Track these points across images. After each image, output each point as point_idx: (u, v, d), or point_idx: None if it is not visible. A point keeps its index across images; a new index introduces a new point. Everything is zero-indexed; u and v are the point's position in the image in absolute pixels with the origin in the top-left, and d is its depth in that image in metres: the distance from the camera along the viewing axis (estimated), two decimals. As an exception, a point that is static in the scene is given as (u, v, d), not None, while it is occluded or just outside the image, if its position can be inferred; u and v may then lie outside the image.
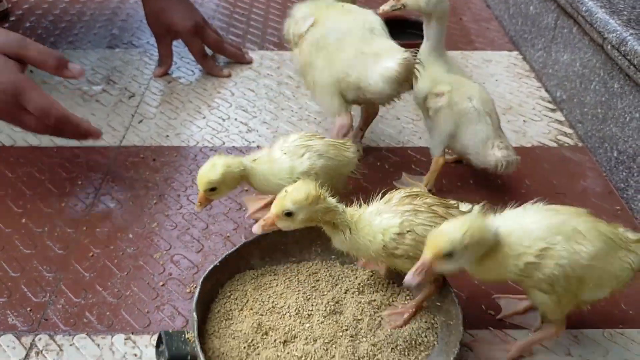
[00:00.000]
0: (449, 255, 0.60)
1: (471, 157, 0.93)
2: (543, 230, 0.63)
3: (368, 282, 0.79)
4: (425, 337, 0.72)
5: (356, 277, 0.79)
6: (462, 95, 0.91)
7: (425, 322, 0.73)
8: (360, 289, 0.78)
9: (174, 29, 1.26)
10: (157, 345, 0.68)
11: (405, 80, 0.88)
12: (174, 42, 1.32)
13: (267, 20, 1.57)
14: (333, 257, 0.82)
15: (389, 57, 0.89)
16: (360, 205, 0.72)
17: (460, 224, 0.60)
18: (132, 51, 1.41)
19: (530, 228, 0.64)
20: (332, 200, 0.69)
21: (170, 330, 0.69)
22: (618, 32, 1.00)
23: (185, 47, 1.32)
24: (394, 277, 0.78)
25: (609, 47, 1.02)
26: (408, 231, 0.67)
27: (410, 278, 0.61)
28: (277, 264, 0.82)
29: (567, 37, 1.20)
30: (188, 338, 0.68)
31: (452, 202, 0.72)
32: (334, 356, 0.69)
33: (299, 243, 0.82)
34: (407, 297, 0.77)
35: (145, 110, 1.20)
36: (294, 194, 0.66)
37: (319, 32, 0.97)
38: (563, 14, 1.22)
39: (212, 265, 0.76)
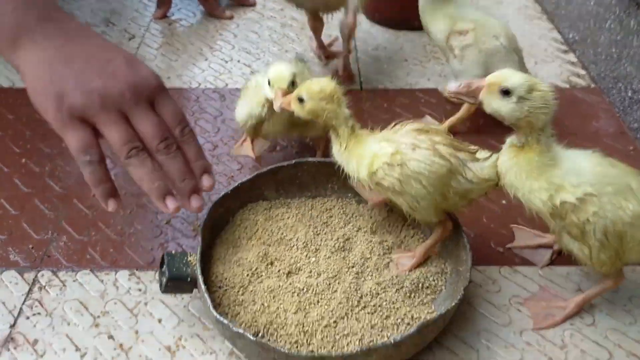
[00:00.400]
0: (506, 92, 0.57)
1: None
2: (595, 175, 0.59)
3: (382, 222, 0.77)
4: (434, 280, 0.70)
5: (370, 217, 0.78)
6: (487, 33, 0.88)
7: (435, 266, 0.71)
8: (373, 228, 0.76)
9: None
10: (161, 266, 0.67)
11: None
12: (174, -17, 1.28)
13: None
14: (349, 195, 0.80)
15: None
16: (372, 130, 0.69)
17: (529, 77, 0.58)
18: (131, -7, 1.36)
19: (583, 168, 0.60)
20: (346, 111, 0.67)
21: (173, 252, 0.68)
22: (637, -35, 0.96)
23: (185, -13, 1.28)
24: (408, 219, 0.77)
25: (626, -19, 0.98)
26: (399, 164, 0.64)
27: (453, 85, 0.59)
28: (292, 197, 0.81)
29: None
30: (190, 260, 0.67)
31: (472, 147, 0.67)
32: (335, 291, 0.68)
33: (315, 178, 0.80)
34: (420, 241, 0.75)
35: (146, 52, 1.16)
36: (311, 85, 0.66)
37: None
38: (578, -50, 1.17)
39: (222, 192, 0.75)
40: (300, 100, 0.67)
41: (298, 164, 0.80)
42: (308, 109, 0.67)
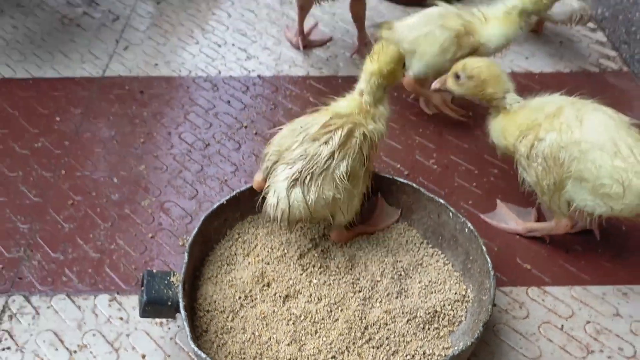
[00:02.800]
0: (457, 76, 0.70)
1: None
2: (552, 108, 0.65)
3: (398, 240, 0.68)
4: (452, 310, 0.61)
5: (385, 233, 0.69)
6: None
7: (456, 293, 0.62)
8: (389, 247, 0.68)
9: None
10: (142, 286, 0.59)
11: None
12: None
13: None
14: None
15: None
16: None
17: (476, 61, 0.70)
18: (117, -32, 1.25)
19: (542, 105, 0.66)
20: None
21: (155, 271, 0.60)
22: None
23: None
24: (429, 237, 0.68)
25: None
26: None
27: (434, 83, 0.73)
28: None
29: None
30: (173, 281, 0.59)
31: None
32: (337, 319, 0.60)
33: None
34: (440, 262, 0.66)
35: (132, 35, 1.06)
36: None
37: None
38: None
39: (217, 203, 0.67)
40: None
41: None
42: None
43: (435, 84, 0.73)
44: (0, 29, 1.07)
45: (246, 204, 0.69)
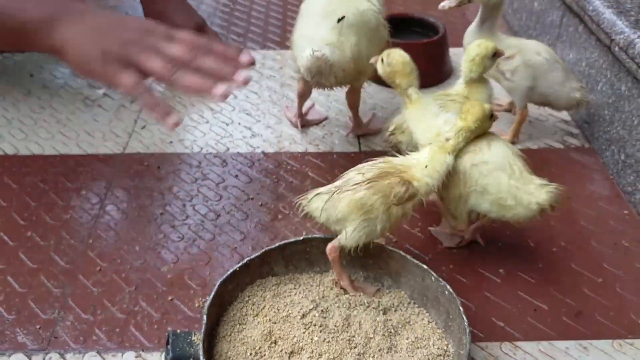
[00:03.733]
0: (381, 60, 0.87)
1: (552, 102, 1.07)
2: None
3: (390, 301, 0.78)
4: None
5: (377, 294, 0.80)
6: (530, 52, 1.04)
7: (438, 348, 0.73)
8: (380, 307, 0.77)
9: (175, 31, 1.23)
10: (167, 344, 0.69)
11: (317, 73, 0.91)
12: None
13: (268, 18, 1.55)
14: (357, 270, 0.83)
15: (309, 47, 0.91)
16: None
17: (398, 54, 0.87)
18: (133, 52, 1.39)
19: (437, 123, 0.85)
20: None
21: (179, 331, 0.69)
22: (626, 34, 0.98)
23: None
24: (415, 297, 0.79)
25: (616, 48, 1.01)
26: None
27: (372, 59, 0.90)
28: (301, 272, 0.82)
29: (573, 35, 1.19)
30: (194, 340, 0.68)
31: None
32: None
33: (324, 254, 0.81)
34: (425, 320, 0.76)
35: (148, 116, 1.18)
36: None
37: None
38: (569, 12, 1.21)
39: (231, 270, 0.76)
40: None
41: (307, 240, 0.82)
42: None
43: (372, 59, 0.90)
44: (29, 109, 1.19)
45: (255, 270, 0.80)
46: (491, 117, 0.80)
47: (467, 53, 0.92)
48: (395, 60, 0.86)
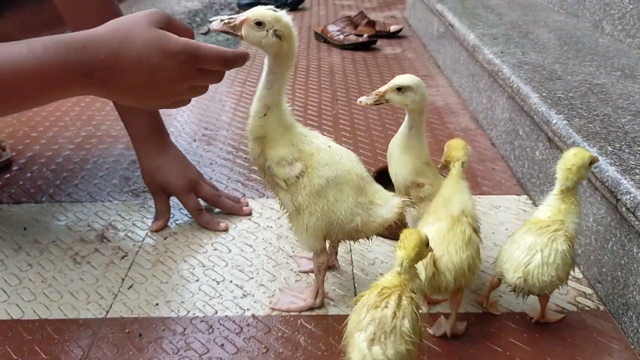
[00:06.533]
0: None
1: None
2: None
3: None
4: None
5: None
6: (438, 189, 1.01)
7: None
8: None
9: (169, 187, 1.27)
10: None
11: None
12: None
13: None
14: None
15: (387, 205, 0.98)
16: None
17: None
18: (131, 202, 1.38)
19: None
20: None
21: None
22: (632, 195, 0.94)
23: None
24: None
25: (623, 209, 0.96)
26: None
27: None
28: None
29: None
30: None
31: None
32: None
33: None
34: None
35: (137, 273, 1.14)
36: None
37: (316, 182, 0.95)
38: (571, 164, 1.17)
39: None
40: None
41: None
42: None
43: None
44: (16, 266, 1.16)
45: None
46: (427, 245, 0.82)
47: (563, 161, 0.94)
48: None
